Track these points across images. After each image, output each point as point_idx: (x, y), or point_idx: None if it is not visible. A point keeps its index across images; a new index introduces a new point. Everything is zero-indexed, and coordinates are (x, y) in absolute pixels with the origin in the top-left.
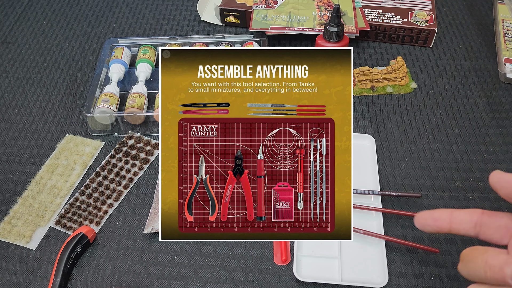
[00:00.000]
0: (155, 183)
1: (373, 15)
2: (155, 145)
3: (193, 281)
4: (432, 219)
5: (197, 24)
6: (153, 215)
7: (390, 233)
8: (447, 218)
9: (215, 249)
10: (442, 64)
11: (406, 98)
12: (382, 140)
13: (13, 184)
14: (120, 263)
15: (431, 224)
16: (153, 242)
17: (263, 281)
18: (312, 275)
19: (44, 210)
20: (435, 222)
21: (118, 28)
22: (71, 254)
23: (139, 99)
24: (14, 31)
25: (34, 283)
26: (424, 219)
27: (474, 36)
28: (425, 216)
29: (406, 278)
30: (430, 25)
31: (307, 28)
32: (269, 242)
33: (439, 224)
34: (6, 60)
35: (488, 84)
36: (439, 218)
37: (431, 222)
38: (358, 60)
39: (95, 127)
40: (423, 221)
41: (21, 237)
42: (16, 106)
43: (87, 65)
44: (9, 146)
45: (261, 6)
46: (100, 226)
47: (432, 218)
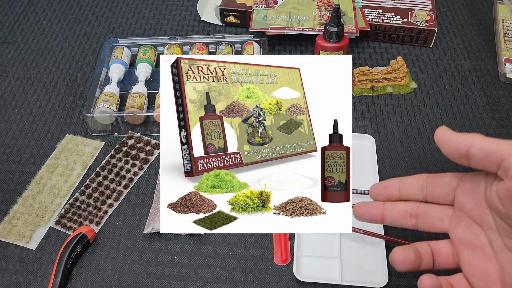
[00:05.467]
0: (155, 183)
1: (373, 15)
2: (155, 145)
3: (193, 281)
4: (383, 187)
5: (197, 24)
6: (153, 215)
7: (390, 233)
8: (396, 185)
9: (215, 249)
10: (442, 64)
11: (406, 98)
12: (382, 140)
13: (13, 184)
14: (120, 263)
15: (382, 193)
16: (153, 242)
17: (263, 281)
18: (312, 275)
19: (44, 210)
20: (386, 190)
21: (118, 28)
22: (71, 254)
23: (139, 99)
24: (14, 31)
25: (34, 283)
26: (376, 189)
27: (474, 36)
28: (377, 186)
29: (406, 278)
30: (430, 25)
31: (307, 28)
32: (269, 242)
33: (389, 192)
34: (6, 60)
35: (488, 84)
36: (389, 186)
37: (382, 190)
38: (358, 60)
39: (95, 127)
40: (375, 190)
41: (21, 237)
42: (16, 106)
43: (87, 65)
44: (9, 146)
45: (261, 6)
46: (100, 226)
47: (382, 187)
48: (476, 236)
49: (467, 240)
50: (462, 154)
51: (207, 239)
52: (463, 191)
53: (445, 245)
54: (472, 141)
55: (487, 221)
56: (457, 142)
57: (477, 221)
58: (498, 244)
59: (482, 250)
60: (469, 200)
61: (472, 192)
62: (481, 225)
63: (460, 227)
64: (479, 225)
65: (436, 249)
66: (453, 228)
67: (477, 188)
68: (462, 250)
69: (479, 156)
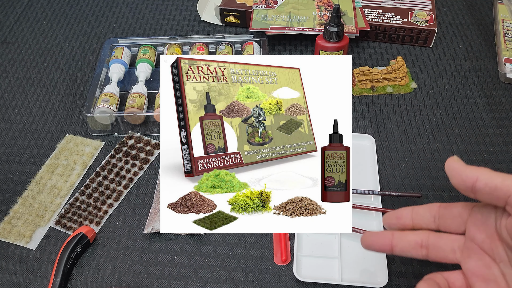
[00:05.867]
0: (155, 183)
1: (373, 15)
2: (155, 145)
3: (193, 281)
4: (396, 217)
5: (197, 24)
6: (153, 215)
7: None
8: (409, 215)
9: (215, 249)
10: (442, 64)
11: (406, 98)
12: (382, 140)
13: (13, 184)
14: (120, 263)
15: (395, 223)
16: (153, 242)
17: (263, 281)
18: (312, 275)
19: (44, 210)
20: (399, 220)
21: (118, 28)
22: (71, 254)
23: (139, 99)
24: (14, 31)
25: (34, 283)
26: (389, 218)
27: (474, 36)
28: (390, 215)
29: (406, 278)
30: (430, 25)
31: (307, 28)
32: (269, 242)
33: (403, 222)
34: (6, 60)
35: (488, 84)
36: (402, 216)
37: (395, 220)
38: (358, 60)
39: (95, 127)
40: (389, 220)
41: (21, 237)
42: (16, 106)
43: (87, 65)
44: (9, 146)
45: (261, 6)
46: (100, 226)
47: (395, 216)
48: (489, 268)
49: (480, 272)
50: (468, 187)
51: (207, 239)
52: (474, 222)
53: (458, 276)
54: (478, 175)
55: (499, 253)
56: (464, 175)
57: (489, 253)
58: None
59: (495, 283)
60: (480, 232)
61: (482, 223)
62: (493, 257)
63: (472, 258)
64: (491, 257)
65: (451, 281)
66: (465, 259)
67: (487, 220)
68: (475, 282)
69: (485, 191)
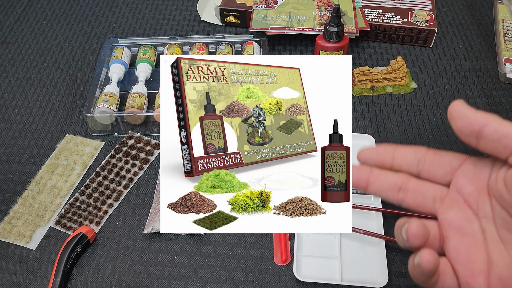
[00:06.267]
0: (155, 183)
1: (373, 15)
2: (155, 145)
3: (193, 281)
4: (375, 152)
5: (197, 24)
6: (153, 215)
7: (390, 233)
8: (391, 152)
9: (215, 249)
10: (442, 64)
11: (406, 98)
12: (382, 140)
13: (13, 184)
14: (120, 263)
15: (373, 158)
16: (153, 242)
17: (263, 281)
18: (312, 275)
19: (44, 210)
20: (378, 156)
21: (118, 28)
22: (71, 254)
23: (139, 99)
24: (14, 31)
25: (34, 283)
26: (366, 152)
27: (474, 36)
28: (368, 149)
29: (406, 278)
30: (430, 25)
31: (307, 28)
32: (269, 242)
33: (381, 158)
34: (6, 60)
35: (488, 84)
36: (382, 152)
37: (374, 155)
38: (358, 60)
39: (95, 127)
40: (366, 154)
41: (21, 237)
42: (16, 106)
43: (87, 65)
44: (9, 146)
45: (261, 6)
46: (100, 226)
47: (375, 151)
48: (468, 222)
49: (458, 224)
50: (474, 131)
51: (207, 239)
52: (464, 173)
53: (433, 225)
54: (489, 120)
55: (484, 208)
56: (473, 118)
57: (473, 207)
58: (492, 235)
59: (472, 238)
60: (469, 184)
61: (474, 175)
62: (476, 211)
63: (453, 210)
64: (474, 211)
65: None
66: (444, 210)
67: (480, 172)
68: (450, 234)
69: (492, 137)
